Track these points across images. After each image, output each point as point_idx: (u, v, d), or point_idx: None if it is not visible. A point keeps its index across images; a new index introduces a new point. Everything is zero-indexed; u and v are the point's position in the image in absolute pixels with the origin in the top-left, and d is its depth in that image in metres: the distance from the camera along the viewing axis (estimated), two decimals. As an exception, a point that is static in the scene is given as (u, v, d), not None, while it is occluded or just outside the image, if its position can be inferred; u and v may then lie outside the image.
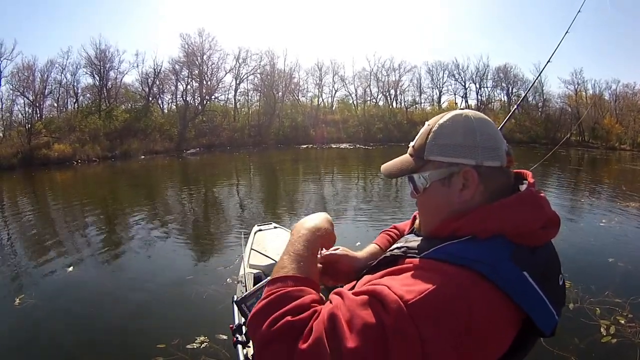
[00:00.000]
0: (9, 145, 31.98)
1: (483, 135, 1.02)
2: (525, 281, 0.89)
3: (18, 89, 38.56)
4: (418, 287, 0.82)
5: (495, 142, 1.03)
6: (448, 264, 0.88)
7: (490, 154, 1.02)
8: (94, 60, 43.50)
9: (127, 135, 39.71)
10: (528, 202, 0.99)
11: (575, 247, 7.33)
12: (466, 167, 1.01)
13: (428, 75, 57.25)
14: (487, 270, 0.85)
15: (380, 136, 49.21)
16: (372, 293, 0.84)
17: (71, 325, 5.02)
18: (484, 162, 1.01)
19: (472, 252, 0.90)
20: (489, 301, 0.84)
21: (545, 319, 0.90)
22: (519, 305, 0.87)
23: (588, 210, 11.58)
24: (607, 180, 19.24)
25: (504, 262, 0.89)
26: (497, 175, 1.03)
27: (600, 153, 37.41)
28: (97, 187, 20.13)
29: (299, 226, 1.19)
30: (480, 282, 0.85)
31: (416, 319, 0.78)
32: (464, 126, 1.04)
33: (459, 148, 1.02)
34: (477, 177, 1.01)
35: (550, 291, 0.94)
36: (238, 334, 1.97)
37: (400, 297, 0.80)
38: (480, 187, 1.01)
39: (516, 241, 0.93)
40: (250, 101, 54.15)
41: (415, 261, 0.94)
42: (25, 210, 13.74)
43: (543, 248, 0.99)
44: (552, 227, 1.01)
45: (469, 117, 1.05)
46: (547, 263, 0.99)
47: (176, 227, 10.12)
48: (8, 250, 8.69)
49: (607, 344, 4.20)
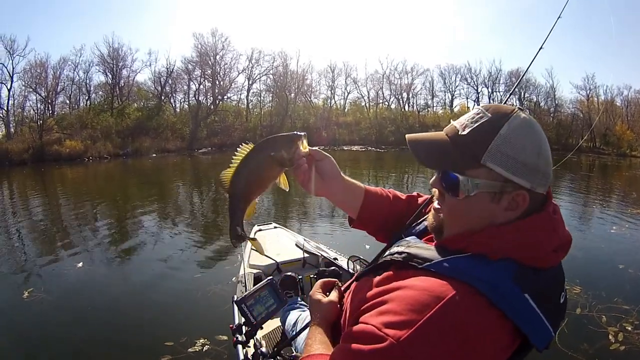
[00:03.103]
0: (21, 140, 32.33)
1: (546, 158, 0.95)
2: (525, 302, 0.88)
3: (30, 86, 38.91)
4: (411, 317, 0.80)
5: (551, 167, 0.97)
6: (449, 279, 0.86)
7: (544, 180, 0.95)
8: (107, 59, 44.00)
9: (139, 134, 39.96)
10: (542, 226, 0.95)
11: (585, 253, 7.26)
12: (522, 190, 0.94)
13: (440, 78, 56.95)
14: (486, 289, 0.84)
15: (392, 139, 48.81)
16: (358, 340, 0.86)
17: (79, 319, 5.04)
18: (537, 188, 0.94)
19: (477, 270, 0.88)
20: (487, 326, 0.83)
21: (541, 337, 0.90)
22: (517, 325, 0.86)
23: (599, 216, 11.43)
24: (618, 187, 19.05)
25: (506, 281, 0.87)
26: (537, 200, 0.97)
27: (611, 160, 37.03)
28: (108, 184, 20.31)
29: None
30: (479, 304, 0.83)
31: (410, 353, 0.78)
32: (532, 141, 0.94)
33: (523, 167, 0.92)
34: (528, 202, 0.95)
35: (550, 310, 0.92)
36: (238, 334, 1.97)
37: (392, 337, 0.79)
38: (517, 212, 0.96)
39: (523, 262, 0.91)
40: (262, 102, 54.27)
41: (416, 275, 0.92)
42: (35, 205, 13.84)
43: (552, 269, 0.97)
44: (563, 250, 0.98)
45: (536, 130, 0.95)
46: (550, 283, 0.97)
47: (185, 225, 10.16)
48: (18, 245, 8.77)
49: (616, 351, 4.15)
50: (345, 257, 4.09)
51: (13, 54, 37.37)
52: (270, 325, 3.06)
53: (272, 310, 1.93)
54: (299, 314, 2.36)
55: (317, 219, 10.32)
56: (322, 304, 1.29)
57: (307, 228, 9.37)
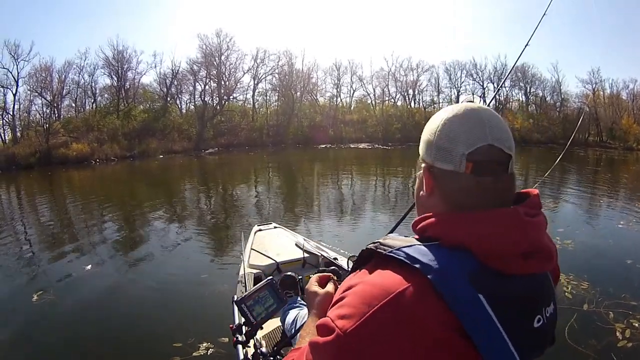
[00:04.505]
0: (27, 144, 32.51)
1: (442, 132, 0.94)
2: (477, 302, 0.79)
3: (36, 90, 39.00)
4: (361, 309, 0.81)
5: (450, 143, 0.92)
6: (404, 270, 0.83)
7: (441, 154, 0.93)
8: (112, 61, 43.97)
9: (145, 135, 40.04)
10: (504, 221, 0.86)
11: (592, 248, 7.23)
12: (424, 166, 0.98)
13: (446, 75, 56.47)
14: (436, 279, 0.79)
15: (398, 136, 48.74)
16: (318, 332, 0.89)
17: (88, 321, 5.10)
18: (435, 163, 0.94)
19: (429, 257, 0.83)
20: (431, 318, 0.78)
21: (496, 356, 0.80)
22: (464, 326, 0.78)
23: (606, 211, 11.39)
24: (625, 181, 18.84)
25: (458, 275, 0.80)
26: (452, 180, 0.92)
27: (618, 154, 36.61)
28: (115, 186, 20.42)
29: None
30: (426, 294, 0.79)
31: (354, 345, 0.80)
32: (434, 121, 0.98)
33: (424, 145, 0.99)
34: (429, 178, 0.96)
35: (515, 327, 0.83)
36: (238, 334, 1.97)
37: (340, 328, 0.81)
38: (435, 190, 0.96)
39: (483, 261, 0.83)
40: (268, 101, 54.17)
41: (379, 268, 0.89)
42: (42, 208, 14.00)
43: (519, 279, 0.86)
44: (537, 259, 0.87)
45: (447, 111, 0.97)
46: (517, 296, 0.85)
47: (192, 226, 10.23)
48: (27, 248, 8.84)
49: (624, 348, 4.13)
50: (345, 256, 4.12)
51: (18, 59, 37.53)
52: (270, 325, 3.09)
53: (272, 310, 1.94)
54: (297, 312, 2.38)
55: (317, 219, 10.34)
56: (318, 295, 1.31)
57: (307, 228, 9.41)
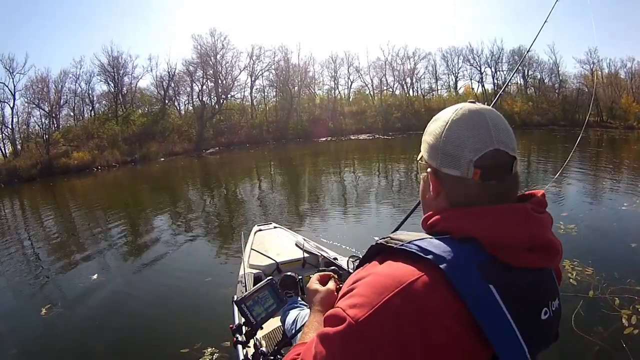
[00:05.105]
0: (28, 157, 32.50)
1: (448, 138, 0.96)
2: (488, 292, 0.82)
3: (33, 102, 38.85)
4: (372, 299, 0.82)
5: (457, 149, 0.94)
6: (415, 261, 0.85)
7: (447, 160, 0.95)
8: (108, 68, 43.86)
9: (145, 139, 40.09)
10: (512, 215, 0.89)
11: (596, 232, 7.23)
12: (429, 170, 1.01)
13: (443, 61, 56.24)
14: (449, 269, 0.82)
15: (398, 125, 48.56)
16: (328, 323, 0.89)
17: (96, 332, 5.12)
18: (442, 168, 0.97)
19: (441, 248, 0.85)
20: (442, 309, 0.80)
21: (506, 346, 0.82)
22: (474, 316, 0.80)
23: (609, 193, 11.29)
24: (627, 161, 18.52)
25: (470, 266, 0.83)
26: (459, 186, 0.95)
27: (619, 133, 36.35)
28: (117, 192, 20.54)
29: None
30: (438, 285, 0.81)
31: (366, 334, 0.80)
32: (440, 125, 0.99)
33: (429, 149, 1.00)
34: (435, 182, 0.99)
35: (523, 318, 0.86)
36: (238, 334, 1.97)
37: (352, 317, 0.82)
38: (442, 193, 0.98)
39: (492, 252, 0.86)
40: (266, 97, 54.05)
41: (390, 260, 0.91)
42: (46, 219, 14.01)
43: (526, 272, 0.89)
44: (543, 253, 0.91)
45: (452, 114, 0.98)
46: (525, 288, 0.88)
47: (194, 228, 10.29)
48: (33, 260, 8.88)
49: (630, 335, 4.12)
50: (345, 256, 4.11)
51: (13, 72, 37.47)
52: (270, 325, 3.12)
53: (272, 310, 1.94)
54: (298, 312, 2.39)
55: (318, 219, 10.30)
56: (319, 293, 1.34)
57: (308, 225, 9.45)
